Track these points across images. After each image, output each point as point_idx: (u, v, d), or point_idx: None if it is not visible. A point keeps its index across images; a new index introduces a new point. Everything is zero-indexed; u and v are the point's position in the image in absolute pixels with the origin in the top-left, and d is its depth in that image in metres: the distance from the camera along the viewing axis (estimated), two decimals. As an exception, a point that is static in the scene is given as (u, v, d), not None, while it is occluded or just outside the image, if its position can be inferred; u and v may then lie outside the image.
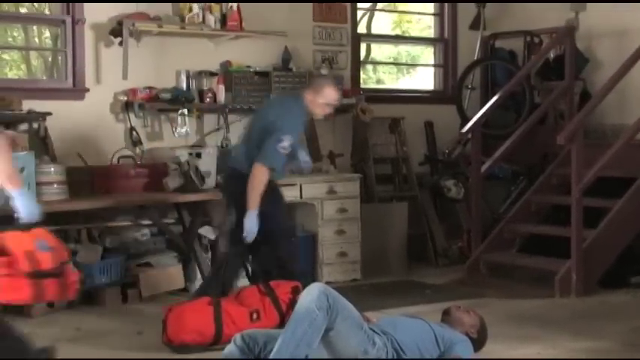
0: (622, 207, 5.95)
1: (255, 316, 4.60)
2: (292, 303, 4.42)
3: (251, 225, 4.71)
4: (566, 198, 6.08)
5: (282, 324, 4.26)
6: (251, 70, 6.63)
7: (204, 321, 4.47)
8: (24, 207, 3.38)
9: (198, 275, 5.92)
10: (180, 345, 4.42)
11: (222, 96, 6.45)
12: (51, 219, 5.39)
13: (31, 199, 3.43)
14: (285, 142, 4.72)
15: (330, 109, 5.05)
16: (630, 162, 6.02)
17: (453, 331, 4.13)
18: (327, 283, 5.68)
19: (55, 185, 5.45)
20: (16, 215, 3.39)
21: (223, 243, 5.10)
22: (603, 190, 6.04)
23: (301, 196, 6.29)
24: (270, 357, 3.47)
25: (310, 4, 7.05)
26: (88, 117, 5.98)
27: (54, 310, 5.21)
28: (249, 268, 5.06)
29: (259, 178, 4.71)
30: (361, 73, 7.53)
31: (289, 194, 6.19)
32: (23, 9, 6.40)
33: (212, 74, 6.50)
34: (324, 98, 4.94)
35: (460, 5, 7.91)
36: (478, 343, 4.20)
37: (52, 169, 5.50)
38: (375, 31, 8.43)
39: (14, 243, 3.35)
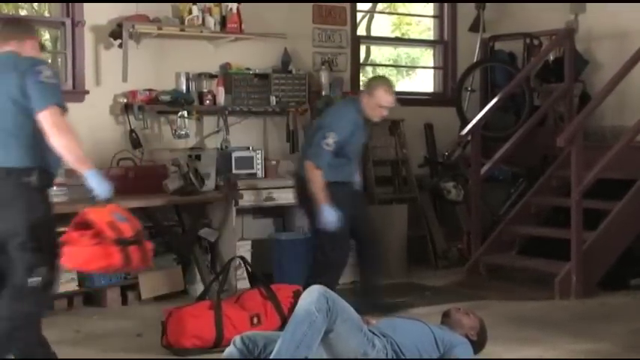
0: (622, 209, 5.95)
1: (255, 320, 4.59)
2: (293, 307, 4.40)
3: (327, 216, 4.90)
4: (565, 200, 6.08)
5: (283, 328, 4.25)
6: (251, 72, 6.63)
7: (204, 325, 4.47)
8: (97, 185, 3.62)
9: (198, 277, 5.92)
10: (180, 349, 4.42)
11: (221, 98, 6.45)
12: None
13: (101, 178, 3.66)
14: (330, 139, 4.87)
15: (385, 111, 5.09)
16: (630, 164, 6.02)
17: (453, 333, 4.12)
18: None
19: (55, 187, 5.43)
20: (90, 194, 3.65)
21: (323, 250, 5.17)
22: (603, 192, 6.04)
23: (301, 198, 6.28)
24: (270, 359, 3.46)
25: (310, 6, 7.06)
26: (87, 119, 5.97)
27: (53, 313, 5.20)
28: (250, 270, 5.07)
29: (309, 175, 4.95)
30: (361, 75, 7.53)
31: (288, 196, 6.19)
32: (23, 11, 6.41)
33: (212, 76, 6.50)
34: (377, 100, 5.00)
35: (460, 7, 7.92)
36: (478, 345, 4.20)
37: (52, 171, 5.48)
38: (374, 33, 8.44)
39: (96, 216, 3.63)
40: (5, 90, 3.52)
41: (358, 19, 7.60)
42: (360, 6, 7.57)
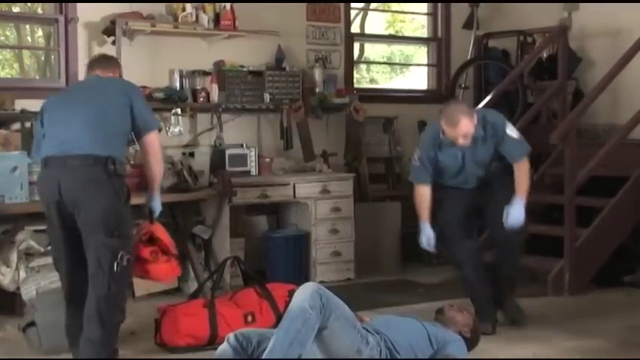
0: (614, 206, 5.96)
1: (250, 318, 4.60)
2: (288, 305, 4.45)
3: (421, 235, 4.95)
4: (559, 197, 6.10)
5: (277, 325, 4.26)
6: (244, 69, 6.62)
7: (198, 324, 4.47)
8: (157, 203, 4.30)
9: (192, 275, 5.92)
10: (174, 347, 4.42)
11: (215, 95, 6.44)
12: (43, 218, 5.39)
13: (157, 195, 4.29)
14: (415, 155, 4.94)
15: (460, 139, 4.64)
16: (622, 161, 6.04)
17: (446, 330, 4.13)
18: (321, 282, 5.70)
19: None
20: (150, 211, 4.30)
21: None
22: (596, 189, 6.05)
23: (295, 196, 6.29)
24: (264, 356, 3.46)
25: (304, 4, 7.05)
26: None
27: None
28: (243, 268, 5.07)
29: (415, 191, 4.98)
30: (354, 72, 7.53)
31: (282, 194, 6.21)
32: (16, 8, 6.39)
33: (205, 73, 6.50)
34: (444, 129, 4.76)
35: (453, 5, 7.92)
36: (471, 342, 4.20)
37: (45, 168, 5.48)
38: (368, 30, 8.44)
39: (160, 233, 4.27)
40: (114, 100, 4.02)
41: (352, 17, 7.60)
42: (354, 3, 7.57)
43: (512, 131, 4.74)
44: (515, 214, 4.69)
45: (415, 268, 6.89)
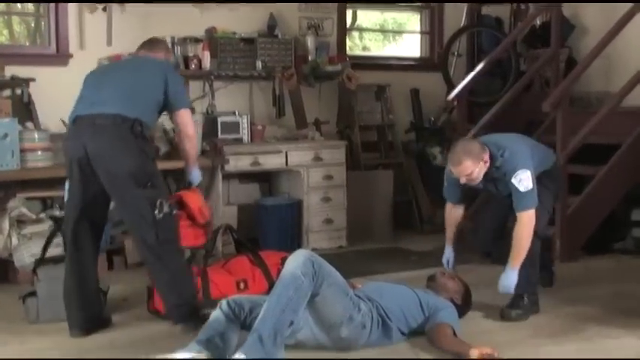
0: (606, 173, 5.98)
1: (242, 285, 4.60)
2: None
3: (446, 256, 4.81)
4: (551, 165, 6.10)
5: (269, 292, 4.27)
6: (236, 36, 6.58)
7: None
8: (196, 173, 4.46)
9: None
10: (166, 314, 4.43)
11: (207, 62, 6.41)
12: (35, 185, 5.40)
13: (197, 168, 4.46)
14: (445, 176, 4.77)
15: (464, 180, 4.40)
16: (615, 129, 6.05)
17: (438, 297, 4.16)
18: (313, 250, 5.72)
19: (40, 152, 5.42)
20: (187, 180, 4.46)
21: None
22: (588, 157, 6.06)
23: (287, 163, 6.28)
24: (256, 323, 3.48)
25: (296, -30, 6.99)
26: (71, 83, 5.88)
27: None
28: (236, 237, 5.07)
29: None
30: (347, 40, 7.49)
31: (275, 161, 6.20)
32: (5, -27, 6.31)
33: (197, 40, 6.46)
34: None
35: (447, -28, 7.87)
36: (462, 309, 4.24)
37: (36, 135, 5.47)
38: (361, -3, 8.36)
39: (191, 200, 4.39)
40: (150, 72, 4.21)
41: (345, -16, 7.53)
42: (346, -30, 7.51)
43: (520, 181, 4.27)
44: (506, 283, 4.30)
45: (407, 236, 6.92)
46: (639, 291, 5.03)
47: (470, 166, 4.32)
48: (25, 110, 5.62)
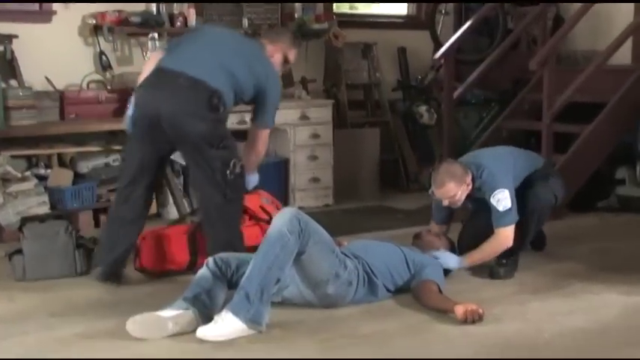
0: (591, 132, 5.99)
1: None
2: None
3: None
4: (537, 123, 6.12)
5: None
6: (222, -7, 6.52)
7: (178, 250, 4.47)
8: (252, 179, 4.44)
9: (170, 200, 5.93)
10: (152, 272, 4.45)
11: (193, 20, 6.33)
12: (20, 143, 5.37)
13: (255, 174, 4.50)
14: None
15: (446, 202, 4.41)
16: (601, 87, 6.05)
17: (424, 254, 4.19)
18: (300, 208, 5.71)
19: (24, 110, 5.40)
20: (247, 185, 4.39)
21: None
22: (574, 116, 6.08)
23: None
24: (243, 280, 3.50)
25: None
26: (55, 40, 5.88)
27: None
28: None
29: None
30: (334, -3, 7.43)
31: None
32: None
33: (183, -3, 6.39)
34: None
35: None
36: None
37: (21, 93, 5.44)
38: (348, -47, 8.28)
39: (250, 203, 4.49)
40: (244, 62, 4.13)
41: (332, -61, 7.44)
42: None
43: (498, 201, 4.29)
44: (446, 260, 4.27)
45: (393, 194, 6.95)
46: (622, 248, 5.09)
47: (453, 188, 4.33)
48: (8, 68, 5.57)
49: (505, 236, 4.35)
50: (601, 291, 4.14)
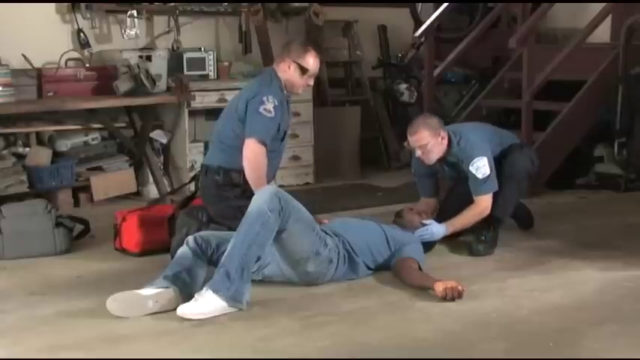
0: (570, 110, 6.03)
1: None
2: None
3: None
4: (516, 101, 6.14)
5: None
6: (202, -30, 6.46)
7: (158, 231, 4.46)
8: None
9: (150, 179, 5.91)
10: (132, 252, 4.43)
11: (171, -4, 6.29)
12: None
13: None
14: None
15: (419, 152, 4.44)
16: (580, 65, 6.07)
17: (404, 232, 4.20)
18: (280, 186, 5.72)
19: (1, 88, 5.34)
20: None
21: None
22: (554, 94, 6.10)
23: (254, 100, 6.23)
24: (223, 258, 3.50)
25: None
26: (32, 17, 5.81)
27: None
28: None
29: None
30: (314, -26, 7.38)
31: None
32: None
33: (162, -26, 6.32)
34: None
35: None
36: (428, 244, 4.29)
37: (-3, 70, 5.38)
38: None
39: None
40: (241, 98, 4.20)
41: None
42: None
43: (477, 169, 4.34)
44: (434, 229, 4.31)
45: (374, 172, 6.96)
46: (600, 225, 5.14)
47: (426, 136, 4.35)
48: (-16, 45, 5.51)
49: (485, 204, 4.40)
50: (579, 267, 4.18)
